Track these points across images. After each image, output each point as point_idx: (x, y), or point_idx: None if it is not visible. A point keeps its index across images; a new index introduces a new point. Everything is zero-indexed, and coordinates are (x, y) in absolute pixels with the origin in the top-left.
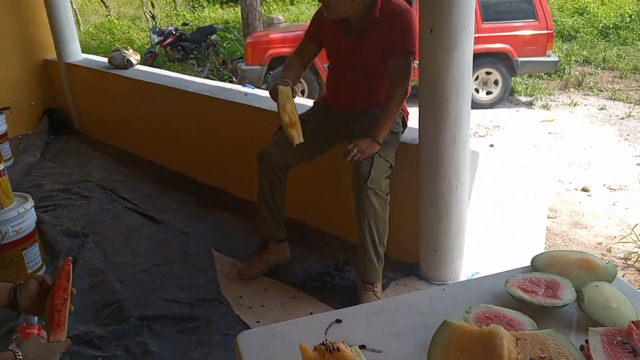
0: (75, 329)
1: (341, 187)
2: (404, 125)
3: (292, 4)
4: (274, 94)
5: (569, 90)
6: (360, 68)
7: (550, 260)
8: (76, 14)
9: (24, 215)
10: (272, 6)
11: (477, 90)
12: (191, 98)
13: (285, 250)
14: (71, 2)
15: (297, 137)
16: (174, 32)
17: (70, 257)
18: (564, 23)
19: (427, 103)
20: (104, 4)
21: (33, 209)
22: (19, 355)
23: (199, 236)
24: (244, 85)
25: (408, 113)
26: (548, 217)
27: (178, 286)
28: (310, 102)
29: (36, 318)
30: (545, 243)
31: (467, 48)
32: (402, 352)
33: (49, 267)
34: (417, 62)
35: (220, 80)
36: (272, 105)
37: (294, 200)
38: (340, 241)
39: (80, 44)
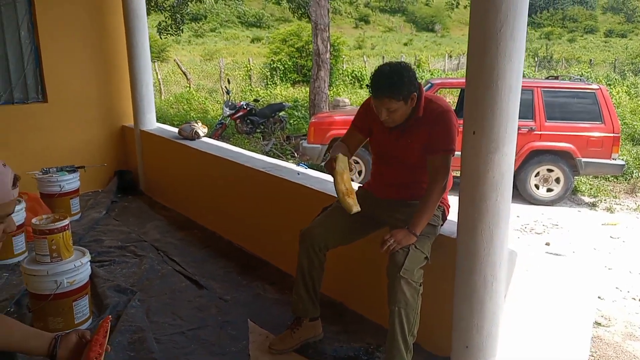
0: None
1: (378, 272)
2: (444, 218)
3: (360, 87)
4: (331, 164)
5: (636, 195)
6: (402, 161)
7: None
8: (159, 84)
9: (79, 268)
10: (340, 88)
11: (537, 187)
12: (248, 172)
13: (318, 329)
14: (157, 73)
15: (354, 206)
16: (245, 107)
17: (110, 316)
18: (636, 126)
19: (466, 200)
20: (186, 76)
21: (89, 263)
22: None
23: (237, 304)
24: (298, 165)
25: (449, 206)
26: (601, 325)
27: (211, 352)
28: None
29: None
30: (595, 352)
31: (509, 150)
32: None
33: (95, 319)
34: (459, 153)
35: (282, 154)
36: (320, 187)
37: (332, 278)
38: (373, 325)
39: (159, 112)
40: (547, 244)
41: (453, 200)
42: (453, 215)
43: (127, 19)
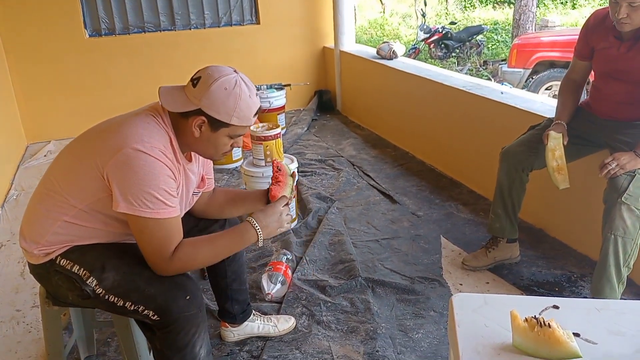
0: (312, 275)
1: (589, 198)
2: None
3: (573, 7)
4: (544, 140)
5: None
6: (629, 77)
7: None
8: (355, 10)
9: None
10: (549, 8)
11: None
12: (446, 91)
13: (515, 251)
14: None
15: (563, 182)
16: (440, 30)
17: (277, 159)
18: None
19: None
20: (381, 1)
21: (296, 169)
22: (255, 223)
23: (430, 221)
24: (502, 84)
25: None
26: None
27: (404, 261)
28: None
29: (285, 257)
30: None
31: None
32: (619, 350)
33: (300, 221)
34: None
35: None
36: (526, 106)
37: (533, 203)
38: (577, 254)
39: (354, 36)
40: None
41: None
42: None
43: None
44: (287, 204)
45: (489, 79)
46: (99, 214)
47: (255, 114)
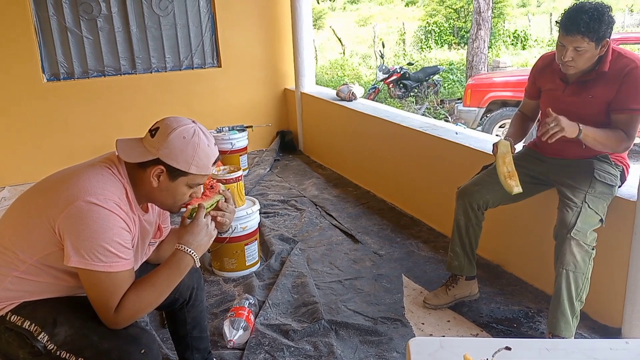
0: (275, 320)
1: (543, 234)
2: (622, 179)
3: (523, 48)
4: (493, 148)
5: None
6: (578, 116)
7: None
8: (315, 51)
9: (250, 215)
10: (500, 49)
11: None
12: (404, 132)
13: (474, 288)
14: (313, 40)
15: (516, 187)
16: (398, 71)
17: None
18: None
19: None
20: (341, 42)
21: (258, 212)
22: (185, 248)
23: (391, 259)
24: (456, 125)
25: (629, 166)
26: None
27: (366, 301)
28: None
29: (247, 302)
30: None
31: None
32: None
33: (262, 264)
34: None
35: (436, 118)
36: (479, 145)
37: (490, 240)
38: (533, 290)
39: (315, 77)
40: None
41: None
42: (633, 177)
43: None
44: (207, 214)
45: (447, 118)
46: (50, 268)
47: (214, 163)
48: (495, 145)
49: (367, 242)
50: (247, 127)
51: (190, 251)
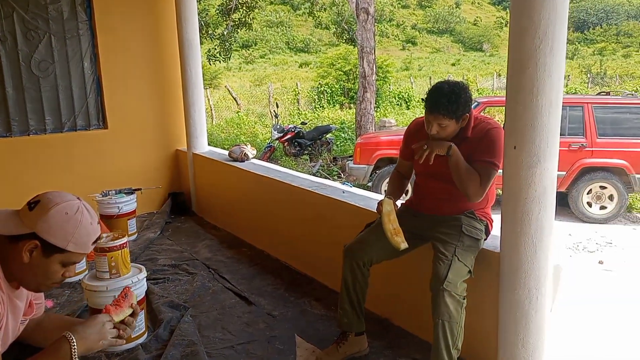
0: None
1: (423, 288)
2: (487, 232)
3: (407, 108)
4: (378, 207)
5: None
6: (445, 178)
7: None
8: (211, 109)
9: (136, 284)
10: (387, 109)
11: (589, 204)
12: (294, 191)
13: (363, 344)
14: (208, 99)
15: (403, 242)
16: (292, 130)
17: (130, 286)
18: None
19: (509, 214)
20: (236, 101)
21: (145, 279)
22: (70, 336)
23: (285, 320)
24: (343, 184)
25: (492, 221)
26: None
27: None
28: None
29: None
30: None
31: (550, 165)
32: None
33: (150, 334)
34: (502, 171)
35: (329, 175)
36: (364, 204)
37: (378, 295)
38: (419, 341)
39: (211, 136)
40: (601, 262)
41: (496, 217)
42: (497, 230)
43: (182, 48)
44: (110, 320)
45: (339, 174)
46: None
47: (94, 243)
48: (379, 203)
49: (260, 303)
50: (135, 189)
51: (73, 341)
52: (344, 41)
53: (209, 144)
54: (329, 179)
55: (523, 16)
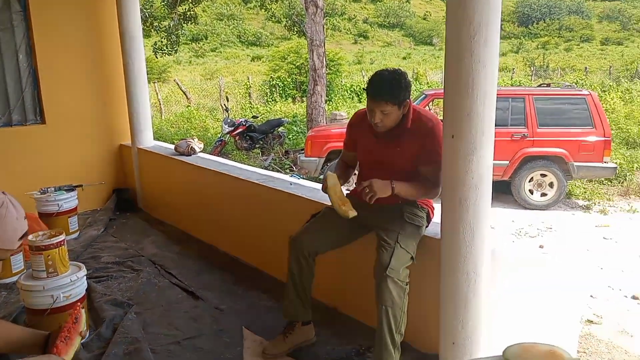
0: None
1: (368, 275)
2: (428, 220)
3: (359, 101)
4: (323, 183)
5: (630, 197)
6: (389, 166)
7: (519, 350)
8: (160, 104)
9: (75, 282)
10: (339, 102)
11: (531, 192)
12: (242, 185)
13: (310, 333)
14: (157, 93)
15: (351, 211)
16: (244, 123)
17: (80, 304)
18: (630, 130)
19: (448, 202)
20: (186, 95)
21: (85, 278)
22: None
23: (232, 313)
24: (291, 176)
25: (433, 209)
26: (594, 323)
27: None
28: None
29: None
30: (587, 349)
31: (486, 153)
32: None
33: (92, 333)
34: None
35: (281, 169)
36: (311, 195)
37: (325, 284)
38: (365, 327)
39: (160, 131)
40: (541, 246)
41: (438, 205)
42: (437, 217)
43: (124, 40)
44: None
45: (292, 167)
46: None
47: (21, 238)
48: (324, 179)
49: (208, 297)
50: (76, 186)
51: None
52: (295, 34)
53: (156, 139)
54: (281, 172)
55: (459, 7)
